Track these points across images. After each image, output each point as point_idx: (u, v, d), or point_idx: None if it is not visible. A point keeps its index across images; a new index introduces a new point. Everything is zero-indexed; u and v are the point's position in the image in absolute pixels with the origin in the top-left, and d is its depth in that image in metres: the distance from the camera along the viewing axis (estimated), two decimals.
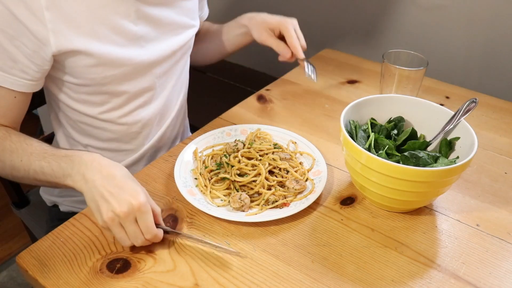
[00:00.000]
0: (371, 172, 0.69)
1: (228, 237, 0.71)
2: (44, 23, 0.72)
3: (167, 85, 0.95)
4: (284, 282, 0.64)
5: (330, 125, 0.98)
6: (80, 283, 0.63)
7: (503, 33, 1.19)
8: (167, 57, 0.91)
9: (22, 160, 0.73)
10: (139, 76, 0.88)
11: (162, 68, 0.91)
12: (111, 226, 0.63)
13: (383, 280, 0.64)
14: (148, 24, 0.85)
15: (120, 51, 0.81)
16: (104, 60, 0.80)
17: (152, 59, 0.87)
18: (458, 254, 0.69)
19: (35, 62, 0.75)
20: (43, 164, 0.71)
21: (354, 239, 0.71)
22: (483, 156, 0.89)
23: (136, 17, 0.82)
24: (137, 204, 0.62)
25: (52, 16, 0.72)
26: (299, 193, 0.77)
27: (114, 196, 0.63)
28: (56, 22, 0.73)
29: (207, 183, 0.78)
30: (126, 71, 0.84)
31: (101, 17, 0.77)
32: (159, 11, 0.86)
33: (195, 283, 0.63)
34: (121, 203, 0.62)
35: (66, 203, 1.00)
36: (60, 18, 0.73)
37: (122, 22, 0.80)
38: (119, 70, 0.83)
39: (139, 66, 0.86)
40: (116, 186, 0.64)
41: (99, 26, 0.78)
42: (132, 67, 0.85)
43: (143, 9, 0.82)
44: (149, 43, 0.86)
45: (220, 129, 0.92)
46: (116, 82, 0.85)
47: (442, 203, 0.78)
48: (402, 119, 0.82)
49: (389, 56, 0.97)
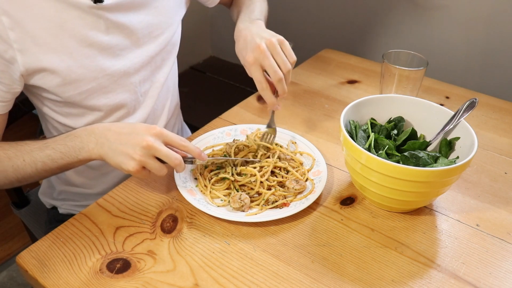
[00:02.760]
0: (371, 172, 0.69)
1: (228, 237, 0.71)
2: (10, 43, 0.70)
3: (151, 93, 0.92)
4: (284, 282, 0.64)
5: (330, 125, 0.98)
6: (80, 283, 0.63)
7: (503, 33, 1.19)
8: (144, 64, 0.87)
9: (25, 159, 0.74)
10: (117, 87, 0.85)
11: (140, 76, 0.88)
12: (146, 163, 0.68)
13: (383, 280, 0.64)
14: (120, 32, 0.81)
15: (92, 64, 0.79)
16: (75, 76, 0.78)
17: (127, 68, 0.84)
18: (458, 254, 0.69)
19: (3, 82, 0.73)
20: (48, 153, 0.73)
21: (354, 239, 0.71)
22: (483, 156, 0.89)
23: (106, 27, 0.78)
24: (155, 131, 0.68)
25: (17, 36, 0.70)
26: (299, 193, 0.77)
27: (133, 137, 0.68)
28: (22, 41, 0.71)
29: (207, 183, 0.78)
30: (101, 84, 0.82)
31: (68, 30, 0.74)
32: (131, 17, 0.81)
33: (195, 283, 0.63)
34: (144, 137, 0.67)
35: (65, 206, 1.00)
36: (26, 37, 0.71)
37: (91, 33, 0.77)
38: (93, 83, 0.81)
39: (113, 77, 0.83)
40: (130, 131, 0.69)
41: (67, 40, 0.75)
42: (106, 79, 0.82)
43: (113, 18, 0.78)
44: (123, 51, 0.83)
45: (220, 129, 0.92)
46: (94, 96, 0.83)
47: (442, 203, 0.78)
48: (402, 119, 0.82)
49: (389, 56, 0.97)
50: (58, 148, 0.72)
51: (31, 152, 0.74)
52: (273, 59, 0.79)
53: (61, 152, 0.72)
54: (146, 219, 0.74)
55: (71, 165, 0.73)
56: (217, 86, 2.11)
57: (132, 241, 0.70)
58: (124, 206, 0.76)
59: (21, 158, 0.74)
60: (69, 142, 0.72)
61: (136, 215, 0.74)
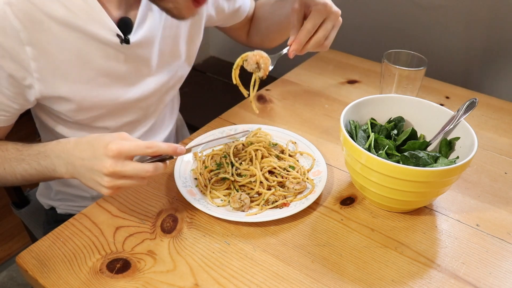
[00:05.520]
0: (371, 172, 0.68)
1: (228, 237, 0.71)
2: (30, 72, 0.71)
3: (158, 109, 0.94)
4: (284, 282, 0.64)
5: (330, 125, 0.98)
6: (80, 283, 0.63)
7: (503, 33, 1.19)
8: (156, 90, 0.88)
9: (5, 168, 0.74)
10: (127, 111, 0.86)
11: (151, 100, 0.89)
12: (118, 186, 0.64)
13: (383, 280, 0.64)
14: (137, 63, 0.81)
15: (106, 93, 0.80)
16: (89, 104, 0.79)
17: (139, 95, 0.84)
18: (458, 254, 0.69)
19: (18, 102, 0.74)
20: (25, 167, 0.72)
21: (354, 239, 0.71)
22: (483, 156, 0.89)
23: (125, 59, 0.78)
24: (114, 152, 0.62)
25: (39, 66, 0.71)
26: (299, 193, 0.77)
27: (95, 163, 0.63)
28: (43, 71, 0.72)
29: (207, 183, 0.78)
30: (112, 109, 0.83)
31: (90, 62, 0.75)
32: (150, 49, 0.81)
33: (195, 283, 0.63)
34: (104, 163, 0.62)
35: (63, 206, 1.00)
36: (47, 68, 0.72)
37: (111, 64, 0.77)
38: (105, 110, 0.82)
39: (125, 104, 0.84)
40: (91, 156, 0.64)
41: (87, 71, 0.75)
42: (118, 105, 0.83)
43: (133, 51, 0.78)
44: (138, 80, 0.83)
45: (220, 129, 0.91)
46: (104, 120, 0.84)
47: (442, 203, 0.78)
48: (402, 119, 0.82)
49: (389, 56, 0.97)
50: (32, 165, 0.72)
51: (10, 162, 0.74)
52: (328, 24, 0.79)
53: (36, 169, 0.71)
54: (146, 219, 0.74)
55: (50, 180, 0.73)
56: (217, 86, 2.11)
57: (132, 241, 0.70)
58: (124, 206, 0.76)
59: (2, 167, 0.74)
60: (42, 161, 0.71)
61: (136, 215, 0.74)
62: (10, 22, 0.65)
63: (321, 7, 0.78)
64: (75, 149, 0.67)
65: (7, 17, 0.65)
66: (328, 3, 0.79)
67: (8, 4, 0.64)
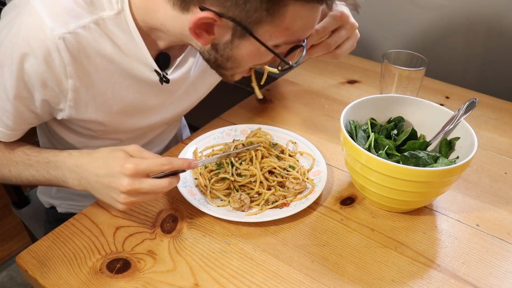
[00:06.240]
0: (371, 172, 0.68)
1: (228, 237, 0.71)
2: (65, 100, 0.71)
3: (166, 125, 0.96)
4: (284, 282, 0.64)
5: (330, 125, 0.98)
6: (80, 283, 0.63)
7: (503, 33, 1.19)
8: (173, 117, 0.90)
9: (11, 170, 0.74)
10: (140, 130, 0.88)
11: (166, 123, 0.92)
12: (134, 202, 0.66)
13: (383, 280, 0.64)
14: (163, 95, 0.82)
15: (128, 120, 0.81)
16: (109, 129, 0.81)
17: (157, 121, 0.87)
18: (458, 254, 0.69)
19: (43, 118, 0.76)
20: (32, 173, 0.73)
21: (354, 239, 0.71)
22: (483, 156, 0.89)
23: (157, 93, 0.80)
24: (132, 171, 0.63)
25: (75, 97, 0.71)
26: (299, 193, 0.77)
27: (111, 180, 0.64)
28: (77, 102, 0.72)
29: (207, 183, 0.78)
30: (129, 131, 0.86)
31: (123, 96, 0.76)
32: (183, 84, 0.83)
33: (195, 283, 0.63)
34: (121, 181, 0.63)
35: (64, 205, 1.00)
36: (82, 99, 0.72)
37: (142, 98, 0.78)
38: (121, 133, 0.85)
39: (143, 128, 0.87)
40: (107, 173, 0.65)
41: (117, 103, 0.76)
42: (136, 130, 0.86)
43: (167, 86, 0.79)
44: (159, 109, 0.84)
45: (220, 129, 0.92)
46: (118, 135, 0.86)
47: (442, 203, 0.78)
48: (402, 119, 0.82)
49: (389, 56, 0.97)
50: (41, 172, 0.72)
51: (16, 165, 0.74)
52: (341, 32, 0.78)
53: (45, 177, 0.72)
54: (146, 219, 0.74)
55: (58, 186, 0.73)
56: (217, 86, 2.10)
57: (132, 241, 0.70)
58: None
59: (7, 168, 0.75)
60: (51, 170, 0.71)
61: (136, 215, 0.74)
62: (61, 56, 0.65)
63: (337, 14, 0.77)
64: (89, 164, 0.68)
65: (59, 51, 0.65)
66: (345, 12, 0.78)
67: (62, 39, 0.64)
